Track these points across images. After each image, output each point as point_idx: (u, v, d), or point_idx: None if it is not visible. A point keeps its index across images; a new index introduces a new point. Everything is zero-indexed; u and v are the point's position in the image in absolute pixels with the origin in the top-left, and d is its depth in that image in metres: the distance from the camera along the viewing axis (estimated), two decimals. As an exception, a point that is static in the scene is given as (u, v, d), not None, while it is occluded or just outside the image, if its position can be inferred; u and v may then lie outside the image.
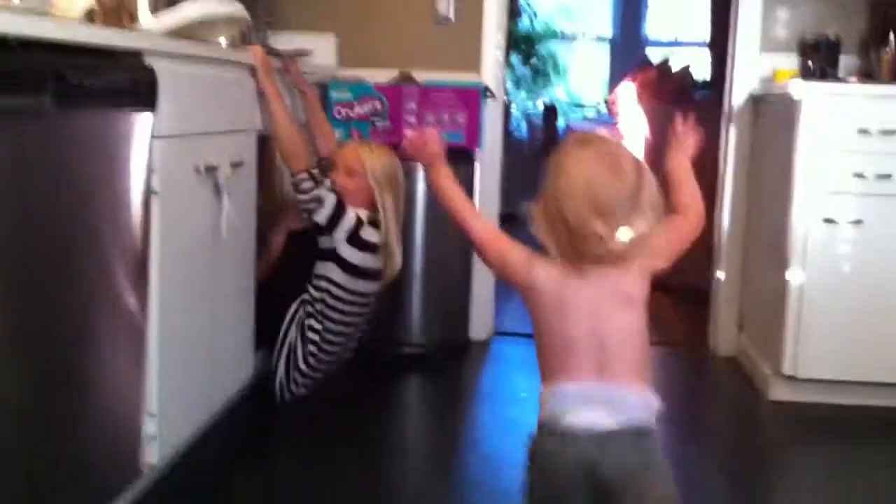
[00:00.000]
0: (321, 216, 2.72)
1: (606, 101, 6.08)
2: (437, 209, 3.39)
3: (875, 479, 2.56)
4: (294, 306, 2.81)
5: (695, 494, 2.40)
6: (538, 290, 1.52)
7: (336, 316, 2.80)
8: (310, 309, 2.80)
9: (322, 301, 2.79)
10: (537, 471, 1.57)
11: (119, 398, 1.99)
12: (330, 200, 2.73)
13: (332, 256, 2.77)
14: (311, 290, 2.81)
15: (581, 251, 1.49)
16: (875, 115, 2.94)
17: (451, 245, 3.52)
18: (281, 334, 2.79)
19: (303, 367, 2.79)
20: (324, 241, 2.78)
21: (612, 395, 1.50)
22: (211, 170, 2.32)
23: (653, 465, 1.50)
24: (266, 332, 2.78)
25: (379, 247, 2.81)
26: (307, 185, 2.70)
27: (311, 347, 2.78)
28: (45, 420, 1.68)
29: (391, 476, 2.47)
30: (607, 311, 1.52)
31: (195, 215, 2.30)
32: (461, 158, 3.51)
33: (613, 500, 1.48)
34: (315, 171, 2.73)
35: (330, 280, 2.78)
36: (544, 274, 1.53)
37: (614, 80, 7.40)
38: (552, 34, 8.15)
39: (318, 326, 2.79)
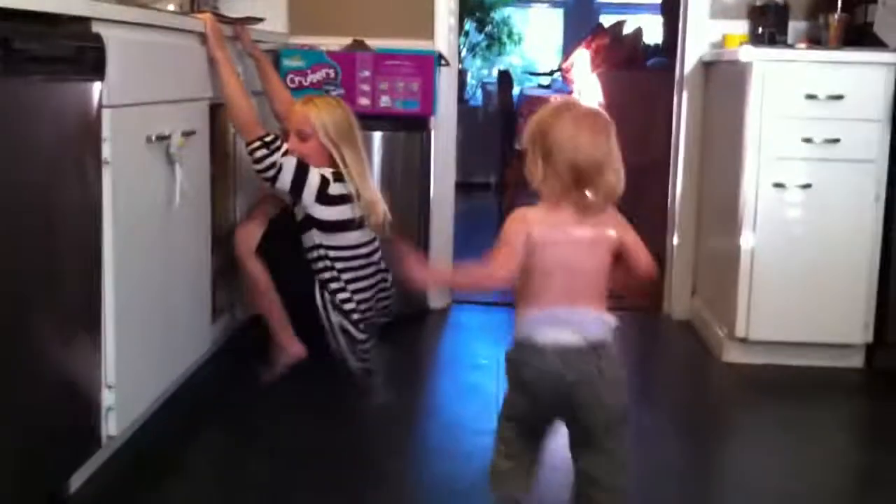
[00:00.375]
0: (283, 182, 2.68)
1: (561, 69, 6.09)
2: (391, 175, 3.43)
3: (824, 437, 2.63)
4: (317, 295, 2.74)
5: (649, 455, 2.44)
6: (534, 238, 1.76)
7: (350, 275, 2.75)
8: (329, 285, 2.73)
9: (329, 268, 2.74)
10: (512, 381, 1.81)
11: (76, 370, 1.98)
12: (289, 164, 2.68)
13: (310, 222, 2.72)
14: (314, 266, 2.75)
15: (565, 202, 1.75)
16: (823, 80, 2.98)
17: (408, 212, 3.53)
18: (328, 326, 2.73)
19: (361, 336, 2.75)
20: (298, 213, 2.74)
21: (575, 317, 1.75)
22: (162, 139, 2.30)
23: (608, 373, 1.74)
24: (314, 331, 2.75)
25: (350, 197, 2.75)
26: (260, 153, 2.67)
27: (355, 316, 2.74)
28: (3, 392, 1.67)
29: (352, 444, 2.48)
30: (582, 251, 1.78)
31: (148, 185, 2.28)
32: (416, 126, 3.51)
33: (574, 405, 1.74)
34: (269, 139, 2.70)
35: (318, 246, 2.73)
36: (537, 226, 1.76)
37: (568, 47, 7.42)
38: (506, 1, 8.12)
39: (346, 294, 2.74)
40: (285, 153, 2.70)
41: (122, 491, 2.12)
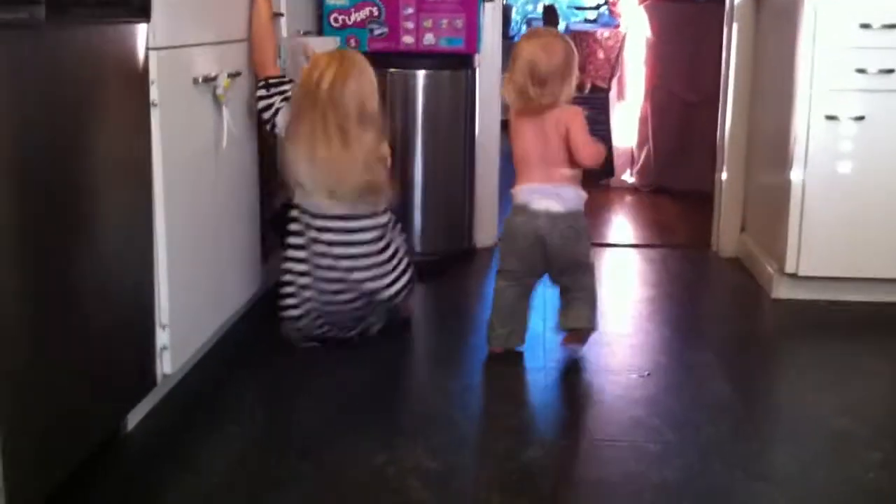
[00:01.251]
0: (279, 127, 2.61)
1: (607, 2, 5.98)
2: (436, 114, 3.41)
3: (877, 373, 2.61)
4: (386, 220, 2.65)
5: (699, 392, 2.45)
6: (512, 130, 2.55)
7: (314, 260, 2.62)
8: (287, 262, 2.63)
9: (298, 233, 2.62)
10: (509, 236, 2.56)
11: (131, 311, 2.02)
12: (286, 110, 2.59)
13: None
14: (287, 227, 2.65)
15: (525, 104, 2.48)
16: (877, 8, 2.89)
17: (453, 153, 3.52)
18: (392, 252, 2.65)
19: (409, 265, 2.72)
20: None
21: (558, 191, 2.49)
22: (209, 80, 2.31)
23: (581, 234, 2.53)
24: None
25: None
26: (260, 92, 2.61)
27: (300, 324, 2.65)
28: (62, 333, 1.71)
29: (401, 376, 2.52)
30: (544, 139, 2.50)
31: (195, 127, 2.29)
32: (460, 64, 3.49)
33: (552, 255, 2.52)
34: (274, 80, 2.62)
35: (296, 206, 2.62)
36: (514, 121, 2.54)
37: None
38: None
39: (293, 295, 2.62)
40: (287, 98, 2.61)
41: (178, 429, 2.17)
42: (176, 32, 2.13)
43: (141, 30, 1.97)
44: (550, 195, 2.47)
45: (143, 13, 1.97)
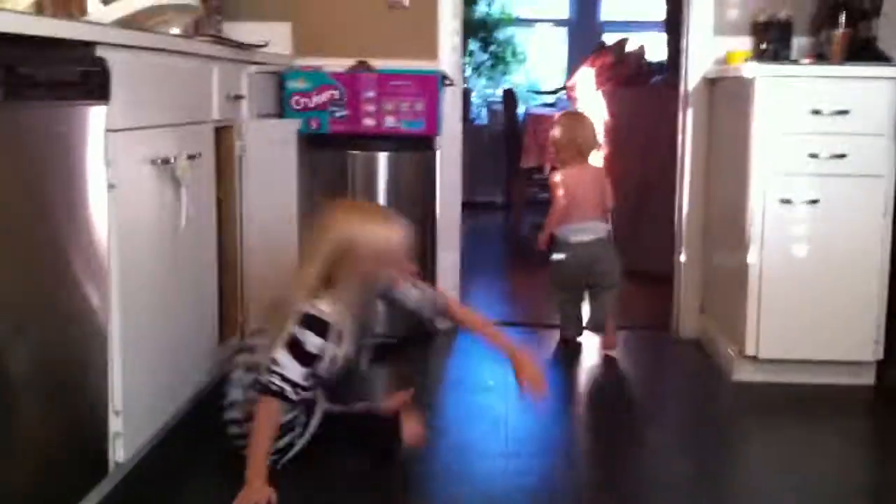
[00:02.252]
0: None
1: (565, 87, 6.09)
2: (397, 196, 3.42)
3: (835, 455, 2.60)
4: None
5: (659, 472, 2.42)
6: (561, 183, 3.56)
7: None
8: None
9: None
10: (556, 266, 3.57)
11: (84, 397, 1.97)
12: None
13: None
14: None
15: (572, 162, 3.62)
16: (828, 95, 2.97)
17: (415, 232, 3.51)
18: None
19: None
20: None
21: (590, 226, 3.53)
22: (167, 162, 2.29)
23: (609, 254, 3.55)
24: None
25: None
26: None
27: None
28: (11, 420, 1.66)
29: (359, 467, 2.47)
30: (587, 187, 3.57)
31: (153, 208, 2.27)
32: (421, 146, 3.51)
33: (592, 274, 3.53)
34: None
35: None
36: (562, 177, 3.59)
37: (573, 65, 7.42)
38: (509, 19, 8.14)
39: None
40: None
41: (130, 517, 2.10)
42: (135, 114, 2.13)
43: (99, 111, 1.96)
44: (585, 230, 3.54)
45: (103, 95, 1.96)
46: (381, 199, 3.42)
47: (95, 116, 1.95)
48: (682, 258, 3.76)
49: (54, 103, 1.80)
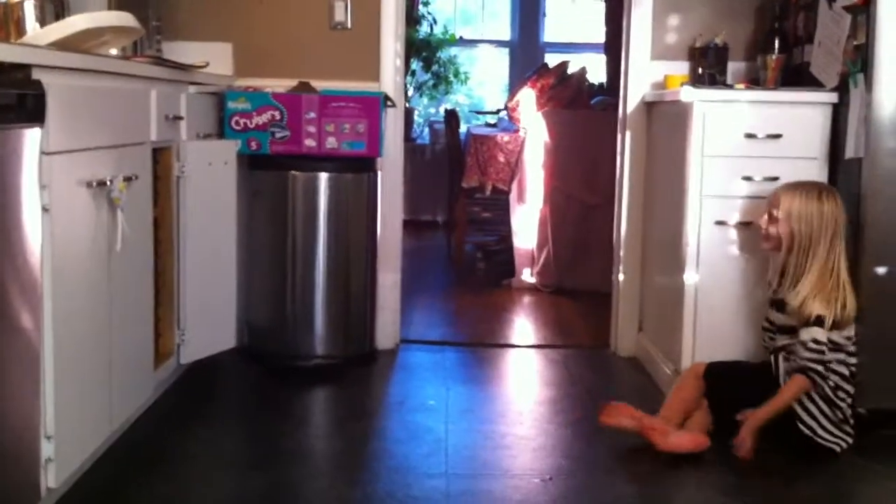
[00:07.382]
0: None
1: (507, 107, 6.14)
2: (338, 216, 3.42)
3: (767, 468, 2.65)
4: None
5: (597, 490, 2.44)
6: None
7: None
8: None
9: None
10: None
11: (15, 421, 1.93)
12: None
13: None
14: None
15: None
16: (762, 120, 3.04)
17: (355, 256, 3.52)
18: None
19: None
20: None
21: None
22: (104, 184, 2.27)
23: None
24: None
25: None
26: None
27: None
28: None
29: (300, 488, 2.45)
30: None
31: (89, 231, 2.24)
32: (362, 167, 3.52)
33: None
34: None
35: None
36: None
37: (514, 86, 7.49)
38: (452, 40, 8.18)
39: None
40: None
41: (63, 545, 2.06)
42: (71, 136, 2.10)
43: (35, 134, 1.94)
44: None
45: (38, 118, 1.94)
46: (321, 220, 3.41)
47: (30, 139, 1.92)
48: (621, 277, 3.81)
49: (-13, 125, 1.77)
